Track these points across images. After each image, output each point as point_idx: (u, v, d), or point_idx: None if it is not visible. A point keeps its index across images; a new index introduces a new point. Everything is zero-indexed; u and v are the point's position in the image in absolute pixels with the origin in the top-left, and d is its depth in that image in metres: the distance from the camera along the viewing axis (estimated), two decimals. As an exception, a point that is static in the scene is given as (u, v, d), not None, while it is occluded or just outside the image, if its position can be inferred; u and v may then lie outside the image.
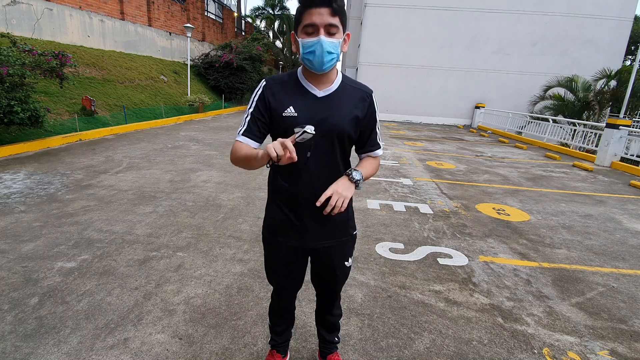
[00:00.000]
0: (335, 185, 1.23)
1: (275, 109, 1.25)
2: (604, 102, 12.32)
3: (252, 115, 1.28)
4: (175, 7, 16.12)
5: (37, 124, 6.13)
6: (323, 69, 1.19)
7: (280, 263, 1.50)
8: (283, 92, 1.27)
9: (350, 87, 1.31)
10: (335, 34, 1.17)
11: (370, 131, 1.38)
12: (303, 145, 1.20)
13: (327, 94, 1.27)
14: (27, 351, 1.84)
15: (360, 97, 1.32)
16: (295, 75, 1.30)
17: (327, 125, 1.25)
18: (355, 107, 1.30)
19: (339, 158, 1.33)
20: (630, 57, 25.51)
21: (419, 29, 16.50)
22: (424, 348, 2.03)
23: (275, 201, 1.40)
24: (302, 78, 1.28)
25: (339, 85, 1.29)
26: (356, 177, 1.26)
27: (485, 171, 6.98)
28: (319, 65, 1.17)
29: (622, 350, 2.11)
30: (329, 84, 1.28)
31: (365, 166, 1.39)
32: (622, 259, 3.37)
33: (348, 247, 1.50)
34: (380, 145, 1.45)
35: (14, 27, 8.71)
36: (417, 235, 3.62)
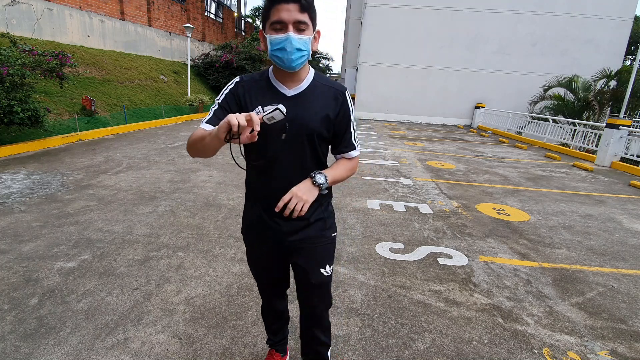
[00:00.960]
0: (296, 188, 1.21)
1: (245, 107, 1.22)
2: (604, 102, 12.32)
3: (220, 105, 1.24)
4: (175, 7, 16.12)
5: (37, 124, 6.13)
6: (293, 67, 1.15)
7: (258, 261, 1.49)
8: (254, 91, 1.24)
9: (321, 85, 1.27)
10: (305, 31, 1.13)
11: (344, 131, 1.33)
12: (276, 127, 1.16)
13: (297, 93, 1.23)
14: (27, 351, 1.84)
15: (332, 95, 1.27)
16: (266, 74, 1.27)
17: (296, 125, 1.20)
18: (326, 105, 1.26)
19: (310, 158, 1.28)
20: (630, 57, 25.51)
21: (419, 29, 16.49)
22: (424, 348, 2.03)
23: (250, 199, 1.39)
24: (272, 77, 1.25)
25: (309, 84, 1.25)
26: (319, 181, 1.24)
27: (485, 171, 6.98)
28: (288, 62, 1.13)
29: (622, 350, 2.11)
30: (298, 83, 1.23)
31: (336, 168, 1.34)
32: (622, 259, 3.37)
33: (324, 251, 1.41)
34: (355, 146, 1.37)
35: (14, 27, 8.71)
36: (417, 235, 3.62)
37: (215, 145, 1.10)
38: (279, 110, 1.03)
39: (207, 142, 1.11)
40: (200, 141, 1.15)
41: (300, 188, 1.22)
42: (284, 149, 1.23)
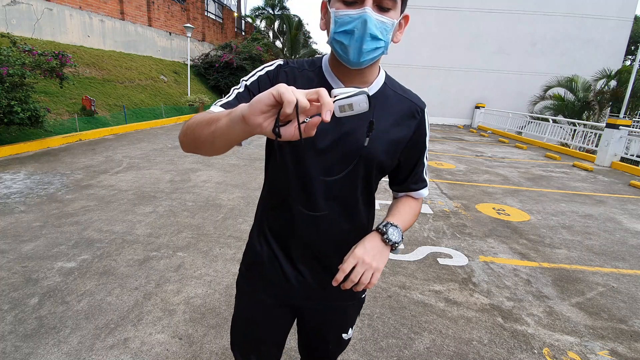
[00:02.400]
0: (361, 249, 0.82)
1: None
2: (604, 102, 12.32)
3: (247, 88, 0.86)
4: (175, 7, 16.12)
5: (37, 124, 6.13)
6: (360, 62, 0.78)
7: (250, 325, 1.05)
8: (299, 83, 0.87)
9: (395, 95, 0.91)
10: (390, 11, 0.78)
11: (415, 162, 0.97)
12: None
13: None
14: (27, 351, 1.84)
15: (408, 111, 0.91)
16: (319, 64, 0.91)
17: (351, 146, 0.85)
18: (398, 124, 0.90)
19: (361, 195, 0.94)
20: (630, 57, 25.51)
21: (419, 29, 16.49)
22: (424, 348, 2.03)
23: (263, 230, 1.00)
24: (328, 71, 0.89)
25: (378, 90, 0.89)
26: (393, 239, 0.86)
27: (485, 171, 6.98)
28: (354, 54, 0.77)
29: (622, 350, 2.11)
30: (364, 85, 0.86)
31: (404, 213, 0.96)
32: (622, 259, 3.37)
33: (351, 313, 1.08)
34: (427, 182, 1.02)
35: (14, 27, 8.70)
36: (417, 235, 3.62)
37: (232, 135, 0.64)
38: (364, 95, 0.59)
39: (221, 129, 0.66)
40: (207, 125, 0.70)
41: (367, 249, 0.83)
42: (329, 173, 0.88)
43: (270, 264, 0.98)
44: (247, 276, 1.04)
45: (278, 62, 0.91)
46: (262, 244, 0.99)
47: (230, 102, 0.83)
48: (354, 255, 0.82)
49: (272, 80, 0.87)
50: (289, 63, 0.91)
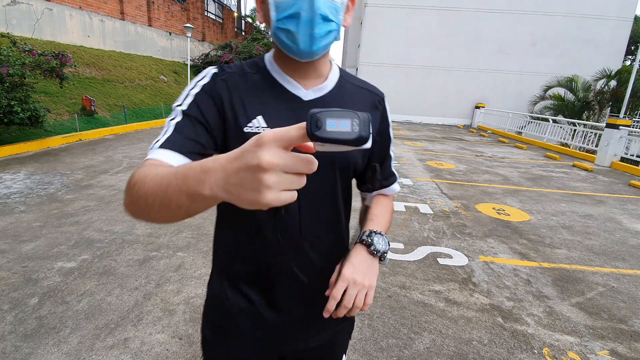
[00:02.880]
0: (349, 268, 0.71)
1: (233, 119, 0.71)
2: (604, 102, 12.33)
3: (186, 115, 0.68)
4: (175, 7, 16.12)
5: (37, 124, 6.13)
6: (313, 51, 0.67)
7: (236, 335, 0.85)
8: (244, 91, 0.73)
9: (353, 87, 0.82)
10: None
11: (384, 156, 0.89)
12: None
13: (319, 97, 0.75)
14: (27, 351, 1.84)
15: (371, 103, 0.83)
16: (262, 64, 0.77)
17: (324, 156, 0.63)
18: None
19: (342, 200, 0.83)
20: (630, 57, 25.51)
21: (419, 29, 16.50)
22: (424, 348, 2.03)
23: (231, 279, 0.81)
24: (276, 69, 0.75)
25: (336, 83, 0.79)
26: (381, 248, 0.75)
27: (485, 171, 6.98)
28: (305, 40, 0.65)
29: (622, 350, 2.11)
30: (320, 80, 0.76)
31: (381, 216, 0.85)
32: (622, 259, 3.37)
33: (344, 337, 0.96)
34: (396, 176, 0.94)
35: (14, 27, 8.70)
36: (417, 235, 3.62)
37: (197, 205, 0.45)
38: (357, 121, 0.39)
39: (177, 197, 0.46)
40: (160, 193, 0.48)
41: (355, 267, 0.71)
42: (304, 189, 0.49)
43: (246, 316, 0.81)
44: (215, 341, 0.84)
45: (212, 71, 0.75)
46: (232, 295, 0.81)
47: (172, 140, 0.64)
48: (342, 278, 0.69)
49: (212, 95, 0.71)
50: (225, 69, 0.75)
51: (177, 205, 0.46)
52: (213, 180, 0.40)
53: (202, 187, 0.41)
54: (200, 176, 0.42)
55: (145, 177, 0.52)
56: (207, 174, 0.41)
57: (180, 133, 0.66)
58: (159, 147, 0.63)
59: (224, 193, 0.40)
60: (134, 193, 0.53)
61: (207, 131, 0.69)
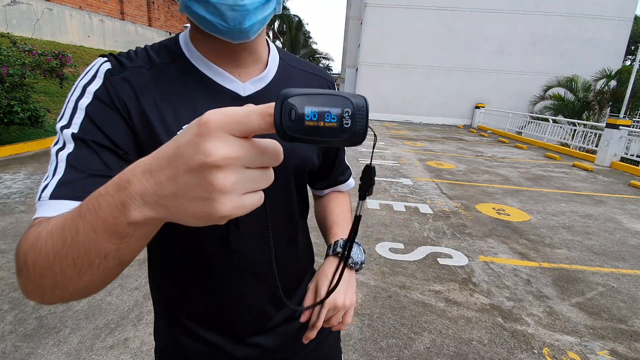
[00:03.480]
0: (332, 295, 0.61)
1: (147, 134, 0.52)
2: (604, 102, 12.33)
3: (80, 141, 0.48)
4: (175, 7, 16.13)
5: (37, 124, 6.13)
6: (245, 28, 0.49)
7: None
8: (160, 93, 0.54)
9: (298, 73, 0.67)
10: None
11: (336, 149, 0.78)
12: None
13: (259, 89, 0.60)
14: (27, 351, 1.84)
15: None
16: (177, 51, 0.57)
17: None
18: None
19: (297, 206, 0.70)
20: (630, 57, 25.52)
21: (419, 29, 16.50)
22: (424, 348, 2.03)
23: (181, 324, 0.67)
24: (197, 56, 0.57)
25: (277, 69, 0.63)
26: (357, 259, 0.67)
27: (485, 171, 6.98)
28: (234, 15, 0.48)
29: (622, 350, 2.11)
30: (259, 67, 0.61)
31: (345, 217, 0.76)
32: (622, 259, 3.37)
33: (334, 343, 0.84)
34: (350, 170, 0.85)
35: (14, 27, 8.70)
36: (417, 235, 3.62)
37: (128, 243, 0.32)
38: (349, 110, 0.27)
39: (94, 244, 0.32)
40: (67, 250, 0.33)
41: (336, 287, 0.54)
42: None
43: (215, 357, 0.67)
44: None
45: (103, 68, 0.52)
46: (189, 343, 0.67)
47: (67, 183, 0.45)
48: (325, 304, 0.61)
49: (113, 102, 0.51)
50: (122, 61, 0.54)
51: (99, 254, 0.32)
52: (138, 195, 0.28)
53: (126, 210, 0.29)
54: (119, 197, 0.29)
55: (36, 241, 0.36)
56: (127, 190, 0.29)
57: (76, 169, 0.46)
58: (50, 196, 0.44)
59: (160, 210, 0.28)
60: (29, 270, 0.37)
61: (117, 155, 0.49)
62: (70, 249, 0.33)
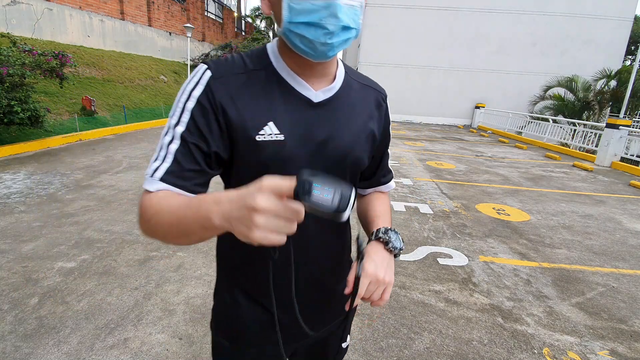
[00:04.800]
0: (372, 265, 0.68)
1: (241, 129, 0.66)
2: (604, 102, 12.33)
3: (185, 142, 0.64)
4: (175, 7, 16.13)
5: (37, 124, 6.13)
6: (328, 56, 0.64)
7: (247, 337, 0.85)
8: (251, 94, 0.67)
9: (358, 85, 0.79)
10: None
11: (383, 152, 0.88)
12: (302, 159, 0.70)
13: (328, 97, 0.72)
14: (27, 351, 1.84)
15: (374, 101, 0.81)
16: (267, 60, 0.70)
17: (332, 153, 0.72)
18: (370, 118, 0.79)
19: None
20: (630, 57, 25.51)
21: (419, 29, 16.49)
22: (424, 348, 2.03)
23: (241, 287, 0.81)
24: (283, 66, 0.70)
25: (343, 81, 0.75)
26: (398, 245, 0.75)
27: (485, 171, 6.98)
28: (323, 48, 0.61)
29: (622, 350, 2.11)
30: (328, 79, 0.72)
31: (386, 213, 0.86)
32: (622, 259, 3.37)
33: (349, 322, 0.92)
34: (392, 173, 0.95)
35: (14, 27, 8.70)
36: (417, 235, 3.62)
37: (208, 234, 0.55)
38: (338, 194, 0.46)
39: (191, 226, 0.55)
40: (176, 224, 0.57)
41: (377, 264, 0.69)
42: None
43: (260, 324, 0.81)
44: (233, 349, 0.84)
45: (205, 75, 0.66)
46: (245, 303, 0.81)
47: (173, 173, 0.63)
48: (366, 274, 0.66)
49: (211, 106, 0.64)
50: (220, 68, 0.67)
51: (191, 232, 0.55)
52: (221, 211, 0.49)
53: (213, 216, 0.50)
54: (212, 207, 0.50)
55: (160, 212, 0.59)
56: (218, 205, 0.50)
57: (179, 164, 0.63)
58: (160, 179, 0.63)
59: (226, 223, 0.49)
60: (151, 226, 0.61)
61: (210, 155, 0.66)
62: (177, 226, 0.57)
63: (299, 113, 0.69)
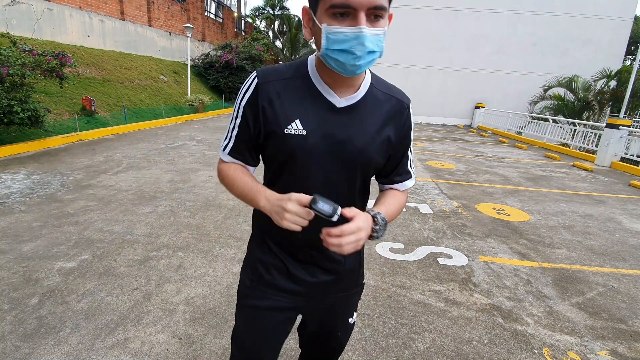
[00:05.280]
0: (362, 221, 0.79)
1: (274, 123, 0.87)
2: (604, 102, 12.33)
3: (240, 128, 0.91)
4: (175, 7, 16.12)
5: (37, 124, 6.13)
6: (355, 73, 0.80)
7: (260, 331, 1.05)
8: (286, 96, 0.87)
9: (381, 94, 0.92)
10: (382, 20, 0.76)
11: (401, 155, 0.99)
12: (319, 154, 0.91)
13: (350, 104, 0.87)
14: (27, 351, 1.84)
15: (395, 109, 0.93)
16: (305, 70, 0.88)
17: (347, 152, 0.88)
18: (387, 123, 0.92)
19: (358, 195, 0.98)
20: (630, 57, 25.51)
21: (419, 29, 16.49)
22: (424, 348, 2.03)
23: (266, 240, 1.03)
24: (317, 77, 0.87)
25: (367, 91, 0.89)
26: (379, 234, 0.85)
27: (485, 171, 6.98)
28: (352, 69, 0.77)
29: (622, 350, 2.11)
30: (353, 90, 0.88)
31: (391, 205, 0.96)
32: (622, 259, 3.37)
33: (355, 300, 1.15)
34: (412, 174, 1.04)
35: (14, 27, 8.70)
36: (417, 235, 3.62)
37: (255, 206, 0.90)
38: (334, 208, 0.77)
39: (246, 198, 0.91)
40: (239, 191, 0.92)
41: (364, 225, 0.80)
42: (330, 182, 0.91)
43: (278, 271, 1.01)
44: (253, 288, 1.03)
45: (255, 81, 0.87)
46: (268, 253, 1.02)
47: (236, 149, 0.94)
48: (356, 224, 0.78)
49: (255, 105, 0.87)
50: (267, 76, 0.87)
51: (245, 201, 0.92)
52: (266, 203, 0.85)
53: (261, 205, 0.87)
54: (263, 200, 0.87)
55: (234, 179, 0.93)
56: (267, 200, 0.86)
57: (238, 145, 0.93)
58: (229, 153, 0.94)
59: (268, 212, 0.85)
60: (223, 183, 0.97)
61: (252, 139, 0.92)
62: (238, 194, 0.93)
63: (322, 115, 0.87)
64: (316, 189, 0.86)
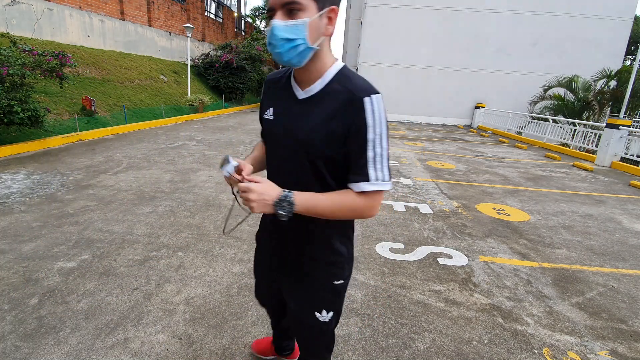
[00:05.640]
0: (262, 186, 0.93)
1: (262, 109, 1.12)
2: (604, 102, 12.33)
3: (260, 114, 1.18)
4: (175, 7, 16.12)
5: (37, 124, 6.13)
6: (291, 63, 0.92)
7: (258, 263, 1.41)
8: (272, 91, 1.11)
9: (339, 88, 0.96)
10: (298, 12, 0.87)
11: (357, 153, 0.95)
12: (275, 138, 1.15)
13: (308, 96, 1.00)
14: (27, 351, 1.84)
15: (344, 101, 0.94)
16: (290, 70, 1.07)
17: (292, 139, 1.00)
18: (333, 117, 0.94)
19: (317, 186, 1.01)
20: (630, 57, 25.51)
21: (419, 29, 16.49)
22: (424, 348, 2.03)
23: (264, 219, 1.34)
24: (291, 75, 1.06)
25: (324, 86, 0.98)
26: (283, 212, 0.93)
27: (485, 171, 6.98)
28: (279, 58, 0.91)
29: (622, 350, 2.11)
30: (311, 83, 0.99)
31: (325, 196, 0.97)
32: (622, 259, 3.37)
33: (322, 296, 1.17)
34: (370, 177, 0.95)
35: (14, 27, 8.70)
36: (417, 235, 3.62)
37: None
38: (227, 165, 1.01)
39: None
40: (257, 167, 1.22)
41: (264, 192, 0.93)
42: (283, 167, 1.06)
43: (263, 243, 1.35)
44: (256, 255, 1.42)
45: (267, 79, 1.16)
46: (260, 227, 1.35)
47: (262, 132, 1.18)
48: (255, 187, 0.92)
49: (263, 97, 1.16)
50: (270, 76, 1.16)
51: None
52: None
53: None
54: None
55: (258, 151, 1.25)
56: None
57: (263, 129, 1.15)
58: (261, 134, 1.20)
59: None
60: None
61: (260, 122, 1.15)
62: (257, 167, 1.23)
63: (287, 105, 1.04)
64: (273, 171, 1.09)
